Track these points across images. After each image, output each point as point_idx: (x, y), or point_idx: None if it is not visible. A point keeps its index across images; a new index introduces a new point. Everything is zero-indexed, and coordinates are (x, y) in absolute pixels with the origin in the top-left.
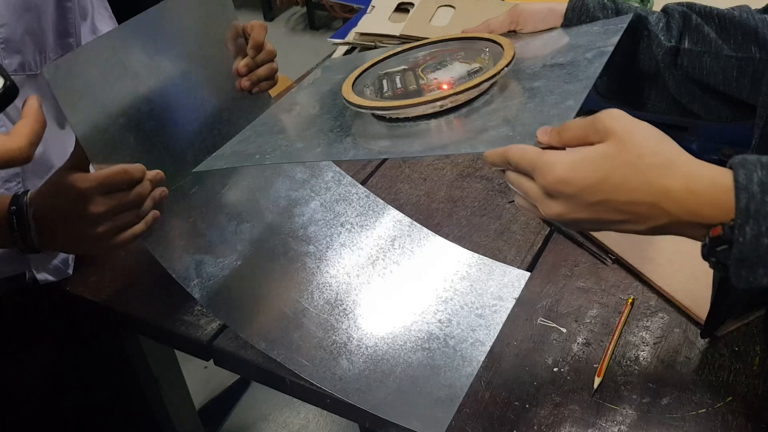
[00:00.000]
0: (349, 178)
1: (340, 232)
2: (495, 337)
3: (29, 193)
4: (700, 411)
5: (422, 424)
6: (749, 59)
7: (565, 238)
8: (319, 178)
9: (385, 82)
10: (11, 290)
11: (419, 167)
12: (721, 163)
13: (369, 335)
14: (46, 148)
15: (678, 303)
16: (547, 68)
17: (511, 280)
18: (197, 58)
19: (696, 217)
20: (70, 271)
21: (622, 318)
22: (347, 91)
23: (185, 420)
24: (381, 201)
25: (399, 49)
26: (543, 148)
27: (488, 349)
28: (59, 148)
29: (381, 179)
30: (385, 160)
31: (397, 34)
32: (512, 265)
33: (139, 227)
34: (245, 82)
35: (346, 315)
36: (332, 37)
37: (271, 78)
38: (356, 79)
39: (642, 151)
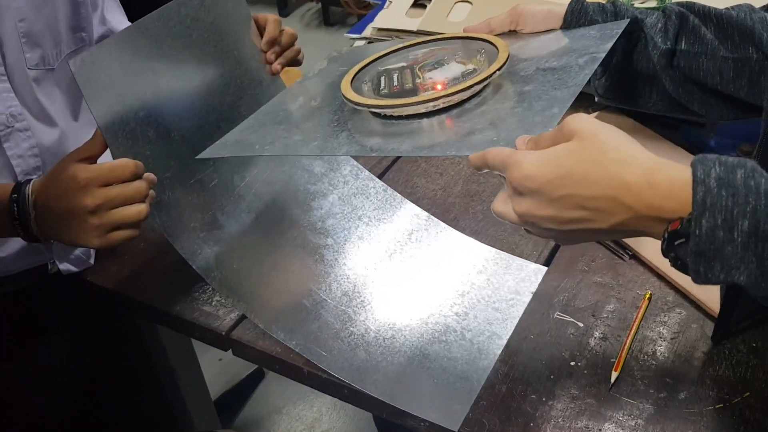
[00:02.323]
0: (367, 173)
1: (358, 225)
2: (512, 331)
3: (32, 181)
4: (717, 406)
5: (439, 415)
6: (746, 60)
7: None
8: (337, 172)
9: (383, 79)
10: (34, 281)
11: (436, 162)
12: None
13: (386, 327)
14: (63, 141)
15: (695, 299)
16: (539, 72)
17: (528, 275)
18: (214, 53)
19: (655, 211)
20: (92, 261)
21: (640, 313)
22: (345, 87)
23: (201, 410)
24: (398, 195)
25: (400, 45)
26: None
27: (505, 342)
28: (77, 140)
29: (397, 173)
30: None
31: (414, 29)
32: (529, 260)
33: (133, 231)
34: (277, 66)
35: (364, 307)
36: (349, 32)
37: (297, 55)
38: (356, 74)
39: (604, 148)
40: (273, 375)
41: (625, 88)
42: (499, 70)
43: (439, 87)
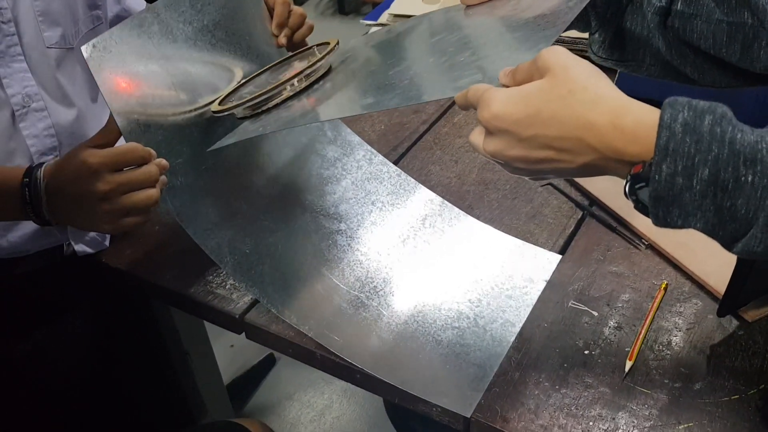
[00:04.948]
0: (381, 157)
1: (371, 211)
2: (525, 319)
3: (44, 166)
4: (732, 397)
5: (451, 401)
6: (740, 24)
7: (597, 222)
8: (351, 157)
9: (245, 93)
10: (50, 262)
11: (450, 150)
12: None
13: (399, 313)
14: (81, 122)
15: (712, 289)
16: (530, 21)
17: (542, 263)
18: (226, 38)
19: (619, 154)
20: (107, 243)
21: (655, 303)
22: (214, 106)
23: (213, 394)
24: (412, 180)
25: (232, 88)
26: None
27: (518, 330)
28: (94, 121)
29: (412, 161)
30: (416, 141)
31: None
32: (544, 248)
33: (144, 217)
34: (282, 40)
35: (377, 292)
36: (365, 19)
37: (309, 33)
38: (221, 101)
39: (573, 87)
40: (284, 362)
41: (619, 47)
42: (337, 44)
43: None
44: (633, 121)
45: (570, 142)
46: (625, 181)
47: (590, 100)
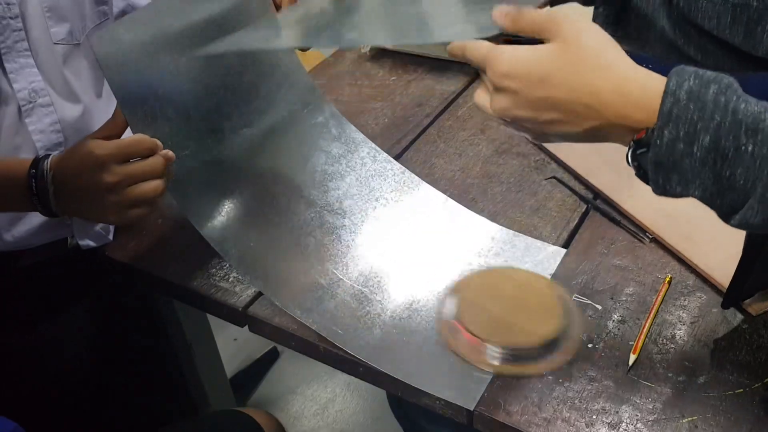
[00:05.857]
0: (385, 155)
1: (375, 207)
2: None
3: (50, 157)
4: (737, 391)
5: (454, 394)
6: (745, 6)
7: (601, 216)
8: (355, 154)
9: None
10: (53, 254)
11: (455, 143)
12: None
13: (402, 307)
14: (86, 117)
15: (716, 283)
16: None
17: (546, 257)
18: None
19: (625, 120)
20: (111, 237)
21: (659, 296)
22: None
23: (216, 387)
24: (416, 177)
25: None
26: (498, 44)
27: None
28: (100, 117)
29: (416, 153)
30: (420, 134)
31: None
32: (547, 242)
33: (149, 208)
34: None
35: (380, 287)
36: None
37: None
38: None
39: (585, 54)
40: (287, 355)
41: (623, 23)
42: None
43: None
44: (639, 87)
45: (578, 106)
46: (627, 147)
47: (601, 66)
